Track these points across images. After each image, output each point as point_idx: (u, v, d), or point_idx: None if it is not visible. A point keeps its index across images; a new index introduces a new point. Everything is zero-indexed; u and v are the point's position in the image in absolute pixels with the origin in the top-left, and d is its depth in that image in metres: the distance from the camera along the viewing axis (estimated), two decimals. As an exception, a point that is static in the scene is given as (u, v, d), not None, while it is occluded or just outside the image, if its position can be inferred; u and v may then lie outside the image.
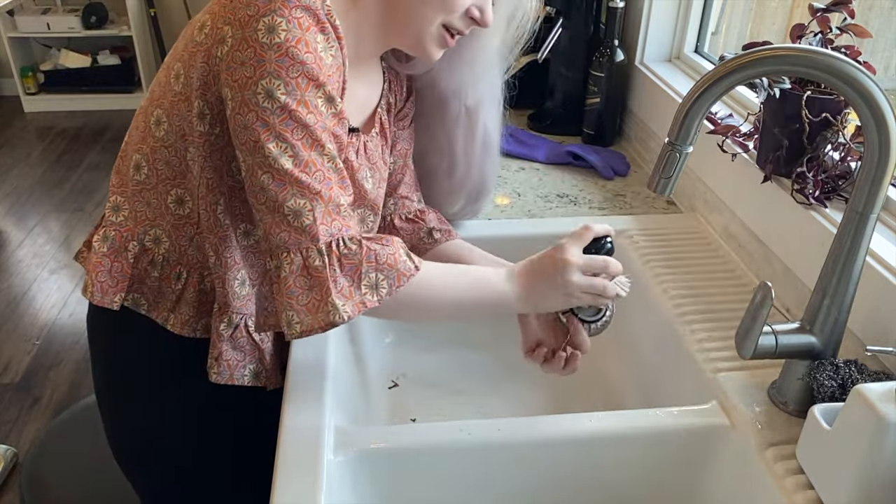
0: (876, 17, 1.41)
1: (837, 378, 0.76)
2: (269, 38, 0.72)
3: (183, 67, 0.79)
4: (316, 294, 0.74)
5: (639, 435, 0.82)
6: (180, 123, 0.81)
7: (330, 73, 0.77)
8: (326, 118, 0.77)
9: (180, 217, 0.86)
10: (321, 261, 0.75)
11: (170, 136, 0.83)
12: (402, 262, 0.79)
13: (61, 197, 3.40)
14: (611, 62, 1.47)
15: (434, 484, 0.82)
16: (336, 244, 0.76)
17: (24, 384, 2.26)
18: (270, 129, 0.73)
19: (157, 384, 0.96)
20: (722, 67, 0.70)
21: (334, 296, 0.74)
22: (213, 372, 0.90)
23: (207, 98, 0.78)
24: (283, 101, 0.73)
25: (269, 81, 0.73)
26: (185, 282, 0.90)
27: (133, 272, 0.88)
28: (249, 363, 0.92)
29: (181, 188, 0.85)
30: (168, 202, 0.86)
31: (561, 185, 1.38)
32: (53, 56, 4.40)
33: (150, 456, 1.00)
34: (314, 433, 0.78)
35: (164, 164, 0.84)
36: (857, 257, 0.75)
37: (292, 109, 0.74)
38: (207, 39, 0.77)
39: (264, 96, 0.73)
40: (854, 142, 0.93)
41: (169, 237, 0.88)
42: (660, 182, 0.77)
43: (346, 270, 0.76)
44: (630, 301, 1.13)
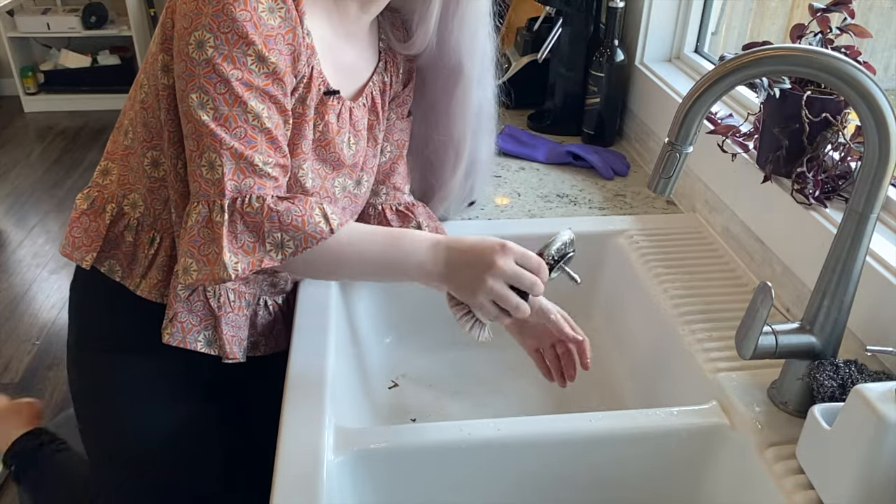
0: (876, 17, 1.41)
1: (837, 378, 0.76)
2: None
3: (160, 38, 0.83)
4: (214, 247, 0.77)
5: (639, 435, 0.82)
6: (154, 83, 0.84)
7: (270, 33, 0.78)
8: (256, 77, 0.78)
9: (155, 180, 0.89)
10: (221, 217, 0.77)
11: (148, 97, 0.86)
12: (311, 224, 0.79)
13: (61, 197, 3.40)
14: (611, 62, 1.47)
15: (434, 484, 0.82)
16: (241, 201, 0.77)
17: (24, 384, 2.26)
18: (195, 80, 0.76)
19: (123, 347, 0.98)
20: (722, 67, 0.70)
21: (226, 252, 0.76)
22: (166, 333, 0.91)
23: (170, 51, 0.81)
24: (209, 54, 0.75)
25: (201, 34, 0.75)
26: (158, 246, 0.92)
27: (108, 234, 0.91)
28: (204, 329, 0.93)
29: (156, 150, 0.88)
30: (145, 164, 0.89)
31: (561, 185, 1.38)
32: (53, 56, 4.40)
33: (108, 422, 1.02)
34: (314, 433, 0.78)
35: (142, 126, 0.88)
36: (857, 257, 0.75)
37: (216, 63, 0.75)
38: (168, 8, 0.81)
39: (194, 47, 0.76)
40: (854, 142, 0.93)
41: (144, 201, 0.90)
42: (660, 182, 0.77)
43: (250, 228, 0.78)
44: (630, 301, 1.14)
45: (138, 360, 0.98)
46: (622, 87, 1.52)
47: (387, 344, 1.19)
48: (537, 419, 0.85)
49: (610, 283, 1.21)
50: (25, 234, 3.10)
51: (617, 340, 1.18)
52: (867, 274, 0.82)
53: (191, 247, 0.77)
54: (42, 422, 1.58)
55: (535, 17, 1.66)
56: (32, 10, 4.26)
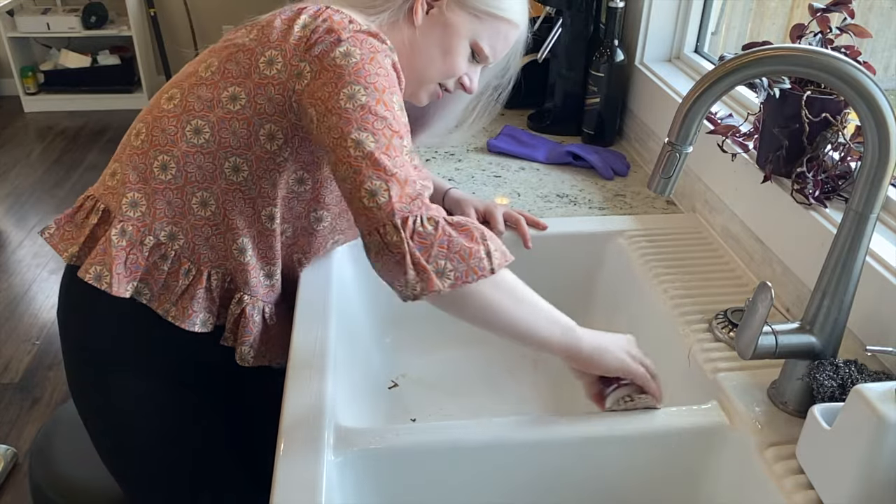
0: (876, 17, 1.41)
1: (837, 378, 0.76)
2: (346, 60, 0.83)
3: (244, 92, 0.88)
4: (400, 267, 0.77)
5: (639, 435, 0.82)
6: (228, 137, 0.89)
7: (398, 85, 0.87)
8: (402, 118, 0.85)
9: (201, 218, 0.92)
10: (398, 236, 0.77)
11: (210, 144, 0.90)
12: (477, 258, 0.79)
13: (61, 197, 3.40)
14: (611, 62, 1.47)
15: (434, 484, 0.82)
16: (413, 220, 0.78)
17: (23, 384, 2.26)
18: (353, 123, 0.81)
19: (126, 356, 0.98)
20: (722, 67, 0.70)
21: (409, 271, 0.77)
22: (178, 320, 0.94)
23: (282, 124, 0.88)
24: (363, 101, 0.82)
25: (350, 88, 0.82)
26: (193, 278, 0.94)
27: (146, 263, 0.92)
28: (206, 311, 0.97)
29: (207, 191, 0.91)
30: (192, 203, 0.92)
31: (561, 185, 1.38)
32: (53, 56, 4.40)
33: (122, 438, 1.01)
34: (314, 433, 0.78)
35: (195, 167, 0.90)
36: (857, 257, 0.75)
37: (372, 106, 0.82)
38: (281, 74, 0.87)
39: (346, 100, 0.82)
40: (854, 142, 0.93)
41: (185, 235, 0.93)
42: (660, 182, 0.77)
43: (419, 248, 0.78)
44: (630, 301, 1.14)
45: (138, 363, 0.99)
46: (622, 87, 1.52)
47: (387, 344, 1.19)
48: (537, 419, 0.85)
49: (610, 283, 1.21)
50: (25, 234, 3.10)
51: (617, 340, 1.18)
52: (867, 274, 0.82)
53: (386, 274, 0.79)
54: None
55: (535, 17, 1.66)
56: (32, 10, 4.26)
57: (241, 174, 0.91)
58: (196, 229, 0.93)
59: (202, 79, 0.91)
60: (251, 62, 0.88)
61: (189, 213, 0.92)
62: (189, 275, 0.94)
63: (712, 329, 0.96)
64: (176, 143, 0.90)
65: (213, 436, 1.03)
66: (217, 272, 0.95)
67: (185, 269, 0.94)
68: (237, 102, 0.89)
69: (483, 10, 0.96)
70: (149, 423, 0.99)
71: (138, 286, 0.93)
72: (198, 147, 0.90)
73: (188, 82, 0.92)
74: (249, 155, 0.90)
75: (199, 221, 0.92)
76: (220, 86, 0.89)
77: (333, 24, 0.86)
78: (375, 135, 0.81)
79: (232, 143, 0.89)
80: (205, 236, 0.93)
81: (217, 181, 0.91)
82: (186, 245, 0.93)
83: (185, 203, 0.91)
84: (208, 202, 0.92)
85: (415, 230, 0.78)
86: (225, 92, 0.89)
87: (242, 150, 0.90)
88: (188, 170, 0.90)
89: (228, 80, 0.89)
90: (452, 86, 1.02)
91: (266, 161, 0.91)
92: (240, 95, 0.88)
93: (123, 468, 1.04)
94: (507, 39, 1.00)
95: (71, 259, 0.94)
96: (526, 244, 1.16)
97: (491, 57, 1.00)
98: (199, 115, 0.90)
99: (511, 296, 0.82)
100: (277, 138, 0.89)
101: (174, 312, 0.94)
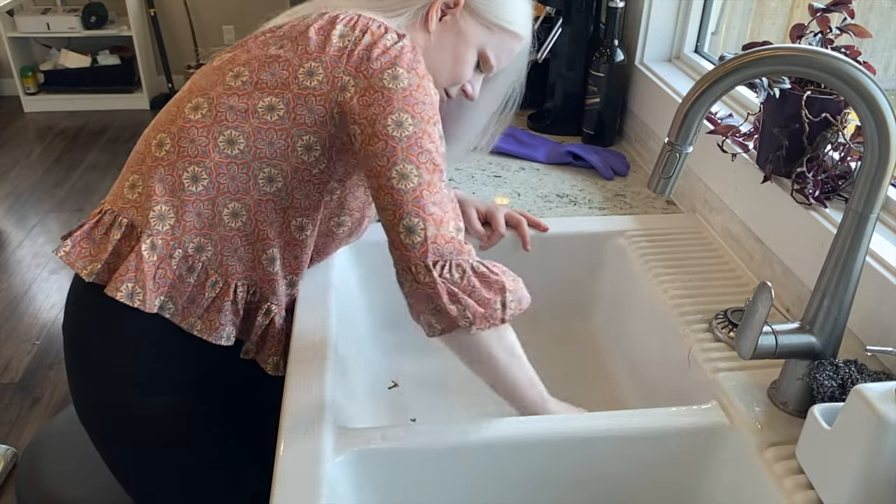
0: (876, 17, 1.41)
1: (837, 378, 0.76)
2: (395, 84, 0.85)
3: (282, 103, 0.88)
4: (432, 302, 0.82)
5: (639, 435, 0.82)
6: (264, 147, 0.89)
7: (438, 117, 0.89)
8: (441, 149, 0.87)
9: (231, 229, 0.92)
10: (429, 277, 0.82)
11: (245, 155, 0.90)
12: (493, 309, 0.84)
13: (61, 197, 3.40)
14: (611, 62, 1.47)
15: (434, 484, 0.82)
16: (443, 266, 0.83)
17: (24, 384, 2.26)
18: (398, 154, 0.83)
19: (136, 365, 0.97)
20: (722, 67, 0.70)
21: (447, 305, 0.82)
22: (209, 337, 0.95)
23: (321, 135, 0.89)
24: (410, 130, 0.84)
25: (398, 116, 0.84)
26: (220, 291, 0.94)
27: (173, 277, 0.92)
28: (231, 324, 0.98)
29: (238, 202, 0.91)
30: (223, 214, 0.91)
31: (561, 185, 1.38)
32: (53, 56, 4.40)
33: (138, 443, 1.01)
34: (314, 433, 0.78)
35: (228, 178, 0.90)
36: (857, 257, 0.75)
37: (419, 137, 0.84)
38: (323, 86, 0.87)
39: (394, 127, 0.84)
40: (854, 142, 0.93)
41: (214, 247, 0.92)
42: (660, 182, 0.77)
43: (448, 292, 0.82)
44: (630, 301, 1.14)
45: (156, 378, 0.98)
46: (622, 87, 1.52)
47: (387, 344, 1.19)
48: (537, 419, 0.85)
49: (610, 283, 1.21)
50: (25, 234, 3.10)
51: (617, 340, 1.18)
52: (867, 274, 0.82)
53: (417, 312, 0.85)
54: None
55: (535, 18, 1.66)
56: (32, 10, 4.26)
57: (275, 185, 0.91)
58: (225, 241, 0.92)
59: (232, 88, 0.90)
60: (289, 73, 0.88)
61: (220, 224, 0.91)
62: (216, 287, 0.94)
63: (712, 329, 0.96)
64: (208, 153, 0.89)
65: (224, 444, 1.03)
66: (243, 284, 0.95)
67: (211, 282, 0.93)
68: (275, 113, 0.88)
69: (495, 22, 0.99)
70: (163, 434, 0.99)
71: (163, 301, 0.92)
72: (231, 158, 0.89)
73: (215, 92, 0.90)
74: (285, 166, 0.90)
75: (230, 233, 0.92)
76: (254, 96, 0.89)
77: (375, 38, 0.87)
78: (419, 168, 0.83)
79: (268, 153, 0.89)
80: (234, 247, 0.93)
81: (250, 192, 0.91)
82: (214, 257, 0.93)
83: (215, 214, 0.91)
84: (240, 213, 0.91)
85: (442, 274, 0.82)
86: (261, 102, 0.88)
87: (278, 161, 0.90)
88: (220, 181, 0.90)
89: (264, 91, 0.88)
90: (455, 92, 1.03)
91: (302, 172, 0.91)
92: (278, 106, 0.88)
93: (135, 480, 1.04)
94: (512, 51, 1.03)
95: (91, 276, 0.91)
96: (525, 246, 1.17)
97: (495, 67, 1.03)
98: (233, 125, 0.89)
99: (509, 351, 0.89)
100: (315, 149, 0.90)
101: (200, 326, 0.94)
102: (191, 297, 0.93)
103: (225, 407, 1.04)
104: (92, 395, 1.00)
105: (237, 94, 0.89)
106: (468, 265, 0.84)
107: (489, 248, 1.17)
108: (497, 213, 1.17)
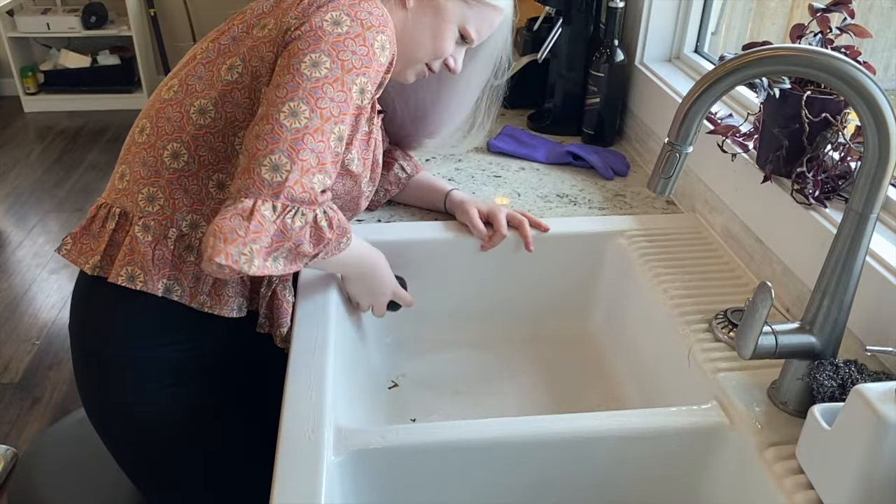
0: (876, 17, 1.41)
1: (837, 378, 0.76)
2: (333, 28, 0.83)
3: (239, 59, 0.87)
4: (241, 232, 0.77)
5: (639, 435, 0.82)
6: (233, 110, 0.88)
7: (377, 68, 0.86)
8: (353, 104, 0.84)
9: (220, 201, 0.91)
10: (272, 214, 0.78)
11: (217, 122, 0.89)
12: (303, 257, 0.83)
13: (61, 197, 3.40)
14: (611, 62, 1.47)
15: (434, 484, 0.82)
16: (289, 211, 0.80)
17: (24, 384, 2.26)
18: (299, 91, 0.80)
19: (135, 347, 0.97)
20: (722, 67, 0.70)
21: (254, 248, 0.77)
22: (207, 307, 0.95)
23: (259, 77, 0.87)
24: (322, 73, 0.81)
25: (319, 56, 0.81)
26: None
27: (172, 257, 0.91)
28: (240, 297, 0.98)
29: (222, 172, 0.90)
30: (209, 187, 0.91)
31: (561, 185, 1.38)
32: (53, 56, 4.40)
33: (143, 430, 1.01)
34: (314, 433, 0.78)
35: (207, 149, 0.89)
36: (857, 257, 0.75)
37: (329, 82, 0.81)
38: (272, 32, 0.86)
39: (308, 65, 0.81)
40: (854, 142, 0.93)
41: (207, 221, 0.92)
42: (659, 182, 0.77)
43: (276, 237, 0.79)
44: (630, 301, 1.14)
45: (165, 366, 0.98)
46: (622, 87, 1.52)
47: (387, 344, 1.19)
48: (537, 419, 0.85)
49: (610, 283, 1.21)
50: (25, 234, 3.10)
51: (617, 340, 1.18)
52: (867, 274, 0.82)
53: (216, 227, 0.77)
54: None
55: (535, 17, 1.66)
56: (32, 10, 4.26)
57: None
58: (216, 212, 0.90)
59: (197, 60, 0.91)
60: (247, 32, 0.89)
61: (208, 197, 0.91)
62: None
63: (712, 329, 0.96)
64: (183, 128, 0.89)
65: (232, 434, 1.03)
66: None
67: None
68: (234, 72, 0.88)
69: None
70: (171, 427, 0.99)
71: (168, 283, 0.92)
72: (205, 127, 0.89)
73: (185, 70, 0.92)
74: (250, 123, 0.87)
75: (219, 205, 0.91)
76: (217, 62, 0.89)
77: None
78: (313, 112, 0.80)
79: (238, 115, 0.89)
80: None
81: (231, 160, 0.90)
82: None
83: (202, 188, 0.91)
84: (225, 183, 0.91)
85: (283, 218, 0.79)
86: (223, 66, 0.89)
87: (249, 121, 0.88)
88: (200, 153, 0.90)
89: (225, 55, 0.89)
90: (437, 66, 1.04)
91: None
92: (235, 64, 0.88)
93: (145, 474, 1.04)
94: (492, 24, 1.04)
95: (94, 270, 0.92)
96: (528, 247, 1.17)
97: (476, 40, 1.03)
98: (202, 95, 0.89)
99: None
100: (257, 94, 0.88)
101: (210, 303, 0.94)
102: (195, 275, 0.93)
103: (232, 398, 1.04)
104: (100, 391, 1.00)
105: (202, 64, 0.90)
106: (311, 215, 0.82)
107: (490, 249, 1.17)
108: (498, 213, 1.17)
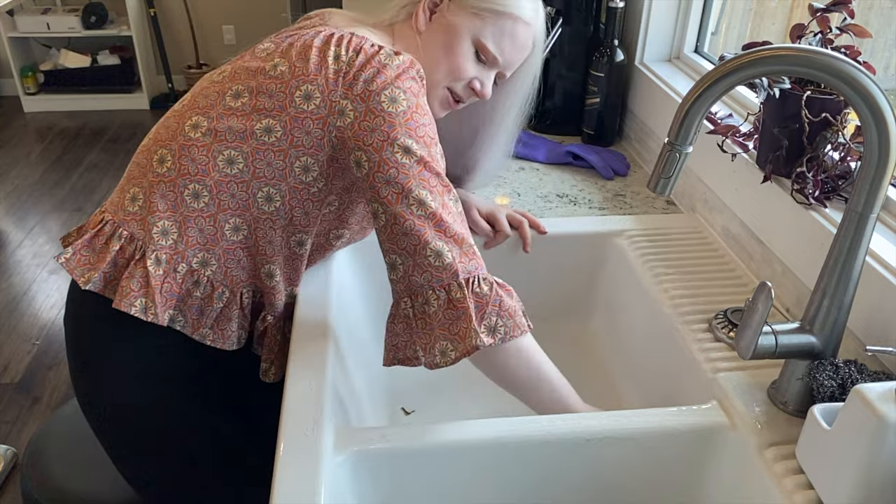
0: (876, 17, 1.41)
1: (837, 378, 0.76)
2: (394, 107, 0.86)
3: (279, 125, 0.89)
4: (463, 323, 0.83)
5: (639, 435, 0.82)
6: (262, 168, 0.91)
7: (436, 135, 0.90)
8: (443, 165, 0.89)
9: (233, 242, 0.93)
10: (461, 293, 0.84)
11: (244, 174, 0.91)
12: (519, 316, 0.87)
13: (61, 197, 3.40)
14: (611, 62, 1.47)
15: (434, 484, 0.82)
16: (472, 281, 0.85)
17: (23, 384, 2.27)
18: (412, 180, 0.85)
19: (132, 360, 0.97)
20: (722, 67, 0.70)
21: (475, 322, 0.82)
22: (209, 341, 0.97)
23: (318, 157, 0.90)
24: (419, 155, 0.86)
25: (404, 141, 0.85)
26: (227, 300, 0.96)
27: (180, 290, 0.93)
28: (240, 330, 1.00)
29: (239, 218, 0.93)
30: (225, 229, 0.93)
31: (561, 185, 1.38)
32: (53, 56, 4.40)
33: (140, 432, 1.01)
34: (314, 433, 0.78)
35: (229, 196, 0.91)
36: (857, 257, 0.75)
37: (427, 162, 0.86)
38: (321, 110, 0.88)
39: (402, 153, 0.85)
40: (854, 142, 0.93)
41: (218, 260, 0.94)
42: (659, 182, 0.77)
43: (476, 307, 0.84)
44: (630, 301, 1.14)
45: (167, 377, 0.99)
46: (622, 87, 1.52)
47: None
48: (537, 419, 0.85)
49: (610, 283, 1.21)
50: (25, 234, 3.10)
51: (617, 340, 1.18)
52: (867, 274, 0.82)
53: (441, 331, 0.83)
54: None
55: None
56: (32, 10, 4.26)
57: (273, 204, 0.92)
58: (229, 253, 0.94)
59: (231, 109, 0.90)
60: (286, 94, 0.88)
61: (222, 238, 0.93)
62: (223, 298, 0.95)
63: (712, 329, 0.96)
64: (208, 172, 0.90)
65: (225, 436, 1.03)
66: (248, 290, 0.97)
67: (218, 293, 0.95)
68: (272, 135, 0.89)
69: (481, 6, 0.96)
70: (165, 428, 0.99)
71: (172, 314, 0.93)
72: (231, 177, 0.91)
73: (215, 112, 0.91)
74: (283, 186, 0.91)
75: (232, 245, 0.93)
76: (252, 118, 0.89)
77: (368, 57, 0.87)
78: (432, 193, 0.85)
79: (266, 173, 0.90)
80: (237, 259, 0.94)
81: (250, 209, 0.92)
82: (219, 269, 0.94)
83: (217, 229, 0.92)
84: (241, 227, 0.93)
85: (473, 290, 0.84)
86: (259, 124, 0.89)
87: (276, 181, 0.91)
88: (221, 198, 0.91)
89: (262, 113, 0.89)
90: (463, 92, 1.00)
91: (300, 192, 0.92)
92: (275, 128, 0.89)
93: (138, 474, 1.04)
94: (515, 37, 0.98)
95: (87, 285, 0.92)
96: (525, 247, 1.17)
97: (499, 57, 0.98)
98: (232, 145, 0.90)
99: (535, 354, 0.89)
100: (312, 170, 0.91)
101: (212, 336, 0.96)
102: (199, 309, 0.95)
103: (226, 400, 1.05)
104: (93, 389, 1.01)
105: (236, 115, 0.90)
106: (491, 278, 0.86)
107: (491, 248, 1.17)
108: (499, 213, 1.17)
